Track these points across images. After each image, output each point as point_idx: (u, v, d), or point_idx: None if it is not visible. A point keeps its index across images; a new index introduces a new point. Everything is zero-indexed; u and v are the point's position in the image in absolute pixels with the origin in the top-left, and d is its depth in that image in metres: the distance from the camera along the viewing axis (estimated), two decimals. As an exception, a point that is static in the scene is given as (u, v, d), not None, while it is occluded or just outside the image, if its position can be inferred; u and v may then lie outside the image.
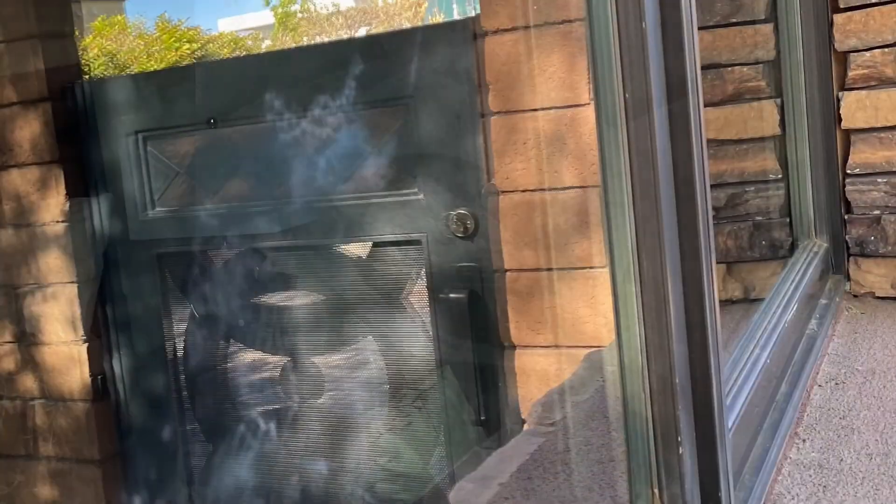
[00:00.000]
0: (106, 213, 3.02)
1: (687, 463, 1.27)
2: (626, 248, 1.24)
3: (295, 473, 2.94)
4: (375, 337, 2.78)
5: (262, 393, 3.00)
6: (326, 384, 2.88)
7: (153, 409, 3.08)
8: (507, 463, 1.84)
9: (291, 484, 2.95)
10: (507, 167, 2.43)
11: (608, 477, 1.71)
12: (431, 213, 2.60)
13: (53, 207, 3.03)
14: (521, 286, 2.48)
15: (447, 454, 2.69)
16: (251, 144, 2.88)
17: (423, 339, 2.69)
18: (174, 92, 2.95)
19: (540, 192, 2.41)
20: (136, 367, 3.08)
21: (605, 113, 1.23)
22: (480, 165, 2.51)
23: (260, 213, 2.85)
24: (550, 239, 2.41)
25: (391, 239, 2.69)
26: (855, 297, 2.67)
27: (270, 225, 2.84)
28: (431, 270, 2.62)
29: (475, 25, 2.46)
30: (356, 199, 2.71)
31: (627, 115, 1.21)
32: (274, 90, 2.76)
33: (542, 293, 2.45)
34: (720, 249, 2.72)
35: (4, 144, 3.06)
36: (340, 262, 2.81)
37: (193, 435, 3.09)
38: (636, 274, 1.23)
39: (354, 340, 2.82)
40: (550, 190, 2.39)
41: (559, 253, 2.40)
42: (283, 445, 2.96)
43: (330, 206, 2.75)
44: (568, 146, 2.35)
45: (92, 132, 3.01)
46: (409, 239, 2.66)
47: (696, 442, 1.29)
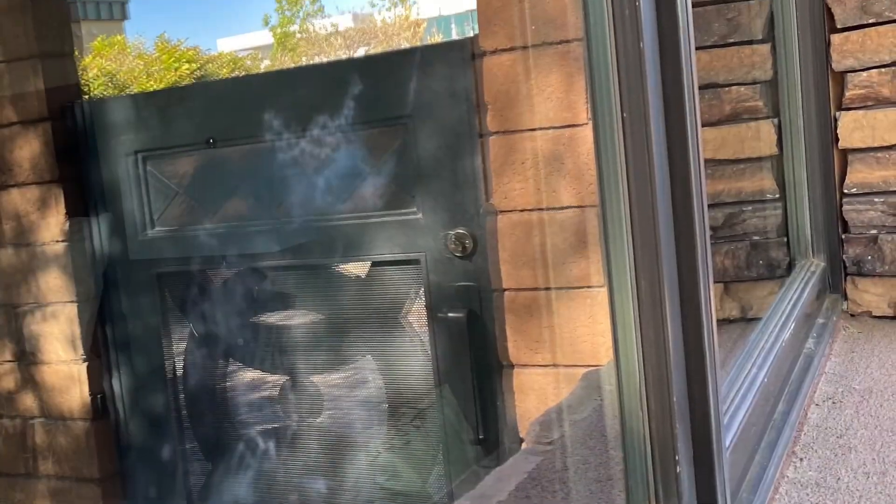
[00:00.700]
0: (105, 232, 3.03)
1: (684, 481, 1.27)
2: (624, 267, 1.24)
3: (294, 492, 2.94)
4: (374, 356, 2.78)
5: (261, 412, 3.00)
6: (325, 403, 2.88)
7: (153, 427, 3.08)
8: (505, 482, 1.84)
9: (290, 503, 2.94)
10: (505, 187, 2.44)
11: (606, 496, 1.72)
12: (430, 232, 2.61)
13: (53, 227, 3.03)
14: (519, 305, 2.48)
15: (446, 473, 2.69)
16: (250, 164, 2.88)
17: (421, 358, 2.69)
18: (173, 112, 2.96)
19: (538, 211, 2.41)
20: (135, 386, 3.08)
21: (603, 133, 1.24)
22: (479, 185, 2.51)
23: (259, 232, 2.86)
24: (549, 258, 2.41)
25: (390, 258, 2.69)
26: (852, 316, 2.67)
27: (270, 244, 2.84)
28: (430, 290, 2.63)
29: (474, 45, 2.47)
30: (355, 218, 2.72)
31: (625, 134, 1.22)
32: (273, 110, 2.76)
33: (540, 312, 2.45)
34: (718, 269, 2.72)
35: (4, 164, 3.07)
36: (339, 281, 2.82)
37: (193, 454, 3.08)
38: (634, 293, 1.24)
39: (353, 359, 2.82)
40: (548, 209, 2.39)
41: (557, 272, 2.40)
42: (281, 464, 2.96)
43: (329, 225, 2.75)
44: (566, 166, 2.35)
45: (91, 152, 3.01)
46: (407, 258, 2.66)
47: (693, 460, 1.30)
